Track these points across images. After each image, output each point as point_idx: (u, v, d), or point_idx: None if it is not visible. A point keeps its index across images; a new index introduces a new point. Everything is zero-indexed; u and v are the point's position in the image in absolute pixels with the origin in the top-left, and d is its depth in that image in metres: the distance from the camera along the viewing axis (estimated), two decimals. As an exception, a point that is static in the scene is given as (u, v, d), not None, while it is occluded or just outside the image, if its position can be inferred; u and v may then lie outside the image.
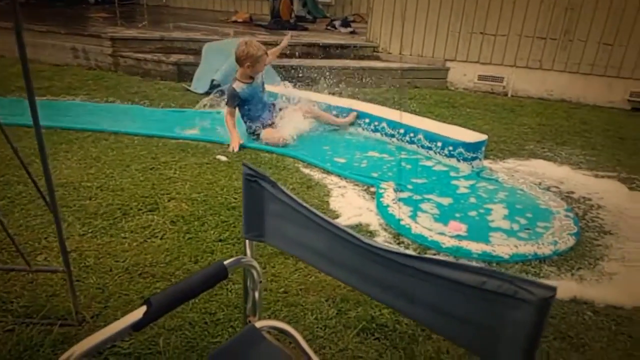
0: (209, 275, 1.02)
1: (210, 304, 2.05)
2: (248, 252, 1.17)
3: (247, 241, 1.16)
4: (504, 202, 3.12)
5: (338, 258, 0.99)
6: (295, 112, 4.16)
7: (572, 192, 3.39)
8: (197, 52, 5.85)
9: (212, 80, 5.24)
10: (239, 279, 2.20)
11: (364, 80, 6.25)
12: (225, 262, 1.06)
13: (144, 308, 0.92)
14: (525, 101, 6.08)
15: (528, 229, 2.77)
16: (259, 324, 1.17)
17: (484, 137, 3.71)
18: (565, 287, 2.25)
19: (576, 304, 2.17)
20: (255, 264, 1.15)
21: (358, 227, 2.79)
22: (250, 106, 3.98)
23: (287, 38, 4.66)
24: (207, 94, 5.22)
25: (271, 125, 4.04)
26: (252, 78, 3.92)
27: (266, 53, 3.91)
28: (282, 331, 1.17)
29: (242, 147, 3.84)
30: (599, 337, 1.98)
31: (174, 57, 5.92)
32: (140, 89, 5.33)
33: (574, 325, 2.03)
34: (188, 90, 5.46)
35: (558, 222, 2.84)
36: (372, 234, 2.73)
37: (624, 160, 4.10)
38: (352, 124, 4.43)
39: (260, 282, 1.19)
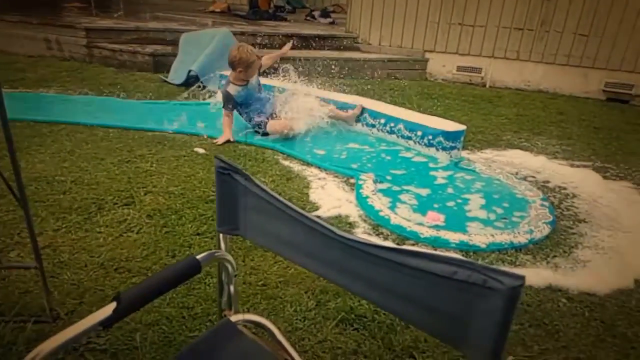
0: (182, 270, 1.01)
1: (188, 298, 2.03)
2: (222, 245, 1.15)
3: (220, 235, 1.14)
4: (481, 192, 3.15)
5: (313, 250, 0.98)
6: (306, 107, 4.08)
7: (548, 182, 3.44)
8: (174, 43, 5.77)
9: (190, 72, 5.17)
10: (216, 272, 2.18)
11: (343, 71, 6.23)
12: (198, 257, 1.05)
13: (113, 304, 0.90)
14: (503, 92, 6.14)
15: (504, 218, 2.81)
16: (234, 318, 1.17)
17: (462, 127, 3.74)
18: (541, 275, 2.29)
19: (551, 292, 2.21)
20: (229, 257, 1.14)
21: (338, 218, 2.79)
22: (249, 108, 3.96)
23: (288, 45, 4.59)
24: (188, 85, 5.16)
25: (273, 116, 4.00)
26: (246, 80, 3.90)
27: (259, 58, 3.89)
28: (258, 324, 1.17)
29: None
30: (573, 323, 2.02)
31: (150, 48, 5.83)
32: (116, 81, 5.24)
33: (549, 312, 2.07)
34: (165, 81, 5.38)
35: (534, 211, 2.88)
36: (351, 225, 2.73)
37: (598, 150, 4.18)
38: (358, 118, 4.29)
39: (235, 275, 1.18)
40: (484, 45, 6.36)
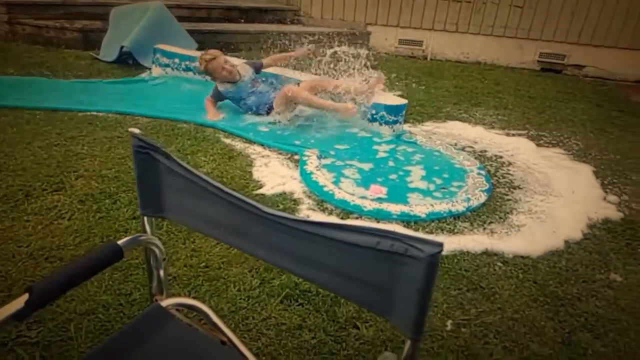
0: (101, 257, 0.96)
1: (126, 284, 1.96)
2: (147, 229, 1.11)
3: (144, 218, 1.09)
4: (421, 163, 3.21)
5: (239, 228, 0.95)
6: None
7: (485, 151, 3.55)
8: (105, 18, 5.45)
9: (122, 48, 4.92)
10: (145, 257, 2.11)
11: (284, 45, 6.13)
12: (120, 242, 1.00)
13: (25, 296, 0.85)
14: (443, 64, 6.25)
15: (444, 188, 2.88)
16: (165, 303, 1.13)
17: (404, 101, 3.77)
18: (477, 240, 2.37)
19: (487, 256, 2.29)
20: (156, 241, 1.09)
21: (282, 195, 2.77)
22: (240, 102, 3.88)
23: (301, 50, 4.29)
24: (121, 62, 4.92)
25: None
26: (232, 81, 3.82)
27: (213, 58, 3.76)
28: (190, 307, 1.13)
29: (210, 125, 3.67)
30: (507, 285, 2.11)
31: (79, 24, 5.48)
32: (43, 59, 4.91)
33: (485, 276, 2.15)
34: (96, 59, 5.11)
35: (471, 180, 2.97)
36: (296, 202, 2.72)
37: (533, 119, 4.34)
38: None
39: (164, 259, 1.13)
40: (424, 18, 6.42)
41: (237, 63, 3.95)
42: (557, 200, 2.89)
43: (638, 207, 2.90)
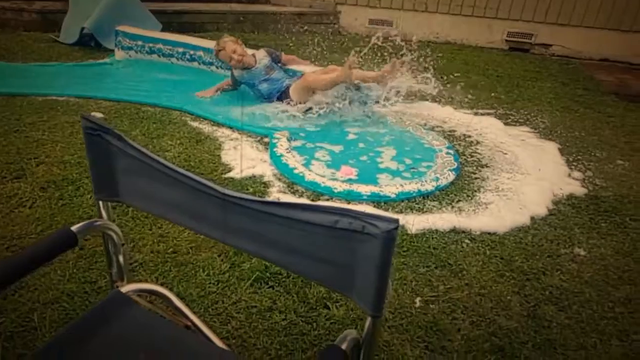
0: (54, 243, 0.92)
1: (91, 272, 1.91)
2: (103, 214, 1.07)
3: (100, 202, 1.06)
4: (391, 144, 3.21)
5: (197, 211, 0.93)
6: None
7: (454, 131, 3.57)
8: (65, -1, 5.26)
9: (83, 29, 4.75)
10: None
11: (253, 26, 6.02)
12: (74, 228, 0.96)
13: (-33, 288, 0.81)
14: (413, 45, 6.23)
15: (413, 168, 2.89)
16: (125, 289, 1.10)
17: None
18: (446, 219, 2.40)
19: (455, 234, 2.32)
20: (113, 226, 1.06)
21: (252, 179, 2.74)
22: (257, 87, 3.77)
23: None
24: (82, 44, 4.75)
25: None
26: (246, 67, 3.74)
27: (223, 48, 3.68)
28: (151, 292, 1.11)
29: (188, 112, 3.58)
30: (475, 261, 2.14)
31: (37, 5, 5.28)
32: (-1, 43, 4.71)
33: (453, 253, 2.18)
34: (56, 41, 4.92)
35: (440, 159, 2.99)
36: (266, 184, 2.69)
37: (500, 98, 4.39)
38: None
39: (123, 244, 1.10)
40: (394, -2, 6.39)
41: (253, 52, 3.85)
42: (523, 177, 2.94)
43: (601, 182, 2.98)
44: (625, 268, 2.20)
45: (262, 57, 3.81)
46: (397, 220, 0.70)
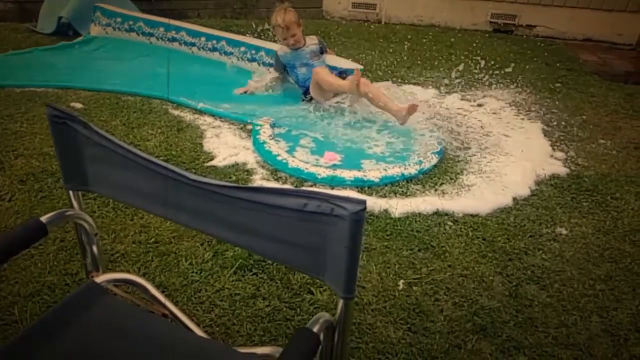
0: (23, 234, 0.91)
1: (72, 264, 1.90)
2: (74, 204, 1.05)
3: (70, 192, 1.04)
4: (375, 129, 3.20)
5: (168, 198, 0.92)
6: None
7: (438, 113, 3.57)
8: (42, -13, 5.13)
9: (60, 18, 4.65)
10: (103, 234, 2.05)
11: (236, 10, 5.95)
12: (43, 218, 0.95)
13: None
14: (397, 28, 6.20)
15: (397, 152, 2.89)
16: (100, 279, 1.09)
17: (359, 66, 3.71)
18: (429, 201, 2.40)
19: (438, 216, 2.33)
20: (84, 216, 1.04)
21: (235, 167, 2.72)
22: (297, 70, 3.61)
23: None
24: (60, 34, 4.66)
25: None
26: (292, 48, 3.54)
27: (286, 27, 3.40)
28: (126, 282, 1.10)
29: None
30: (458, 243, 2.15)
31: (13, -5, 5.15)
32: (-26, 34, 4.61)
33: (436, 236, 2.19)
34: (34, 31, 4.82)
35: (424, 142, 2.98)
36: (249, 172, 2.68)
37: (483, 80, 4.38)
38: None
39: (96, 234, 1.09)
40: (377, -20, 6.32)
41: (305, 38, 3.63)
42: (506, 159, 2.95)
43: (584, 162, 3.00)
44: (606, 246, 2.22)
45: (311, 42, 3.61)
46: (364, 202, 0.69)
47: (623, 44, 6.00)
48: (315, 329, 0.76)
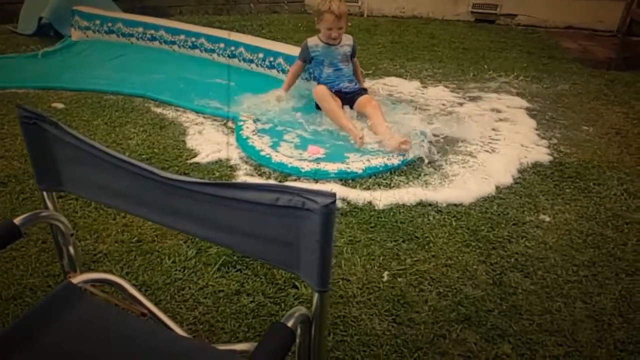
0: (-7, 237, 0.89)
1: (54, 265, 1.87)
2: (49, 205, 1.04)
3: (44, 193, 1.02)
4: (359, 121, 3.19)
5: (141, 197, 0.91)
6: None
7: (421, 104, 3.58)
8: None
9: (40, 19, 4.58)
10: (85, 235, 2.03)
11: (215, 7, 5.90)
12: (17, 220, 0.93)
13: None
14: (379, 20, 6.20)
15: (378, 142, 2.88)
16: (77, 279, 1.07)
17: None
18: (412, 192, 2.41)
19: (422, 207, 2.34)
20: (59, 217, 1.03)
21: (218, 163, 2.71)
22: (321, 68, 3.28)
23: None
24: (41, 35, 4.59)
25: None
26: (328, 42, 3.22)
27: (338, 17, 3.07)
28: (103, 281, 1.09)
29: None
30: (441, 233, 2.16)
31: (-10, -5, 5.07)
32: (-49, 36, 4.53)
33: (420, 226, 2.19)
34: (14, 32, 4.75)
35: (407, 134, 2.98)
36: (232, 168, 2.67)
37: (467, 70, 4.40)
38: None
39: (72, 235, 1.08)
40: (359, -27, 6.31)
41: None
42: (489, 147, 2.97)
43: (566, 149, 3.02)
44: (589, 232, 2.24)
45: (347, 42, 3.31)
46: (334, 194, 0.69)
47: (604, 31, 6.07)
48: (289, 324, 0.76)
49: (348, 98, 3.23)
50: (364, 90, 3.31)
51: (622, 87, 4.12)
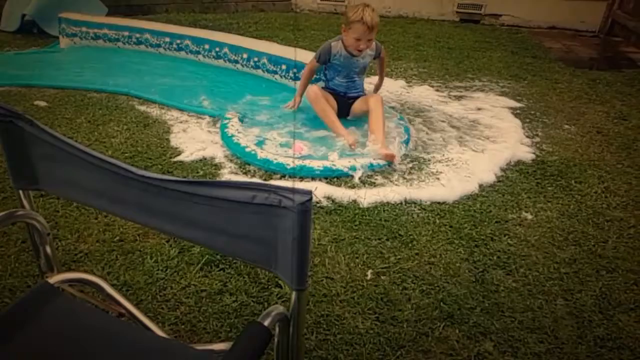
0: (-35, 237, 0.87)
1: (34, 265, 1.84)
2: (25, 204, 1.02)
3: (20, 192, 1.01)
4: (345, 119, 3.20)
5: (117, 195, 0.90)
6: None
7: (406, 103, 3.59)
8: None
9: (24, 16, 4.51)
10: (66, 234, 2.01)
11: (202, 6, 5.86)
12: (-11, 220, 0.91)
13: None
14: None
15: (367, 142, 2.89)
16: (54, 279, 1.06)
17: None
18: (397, 191, 2.42)
19: (406, 205, 2.35)
20: (36, 216, 1.02)
21: (202, 161, 2.69)
22: (335, 75, 3.15)
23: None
24: (24, 32, 4.52)
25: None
26: (352, 52, 3.01)
27: (370, 29, 2.87)
28: (80, 281, 1.07)
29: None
30: (425, 231, 2.17)
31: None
32: None
33: (404, 224, 2.20)
34: (-3, 29, 4.68)
35: (392, 132, 3.00)
36: (217, 166, 2.65)
37: (451, 69, 4.43)
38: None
39: (49, 234, 1.06)
40: (345, -28, 6.32)
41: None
42: (472, 145, 2.99)
43: (548, 147, 3.06)
44: (571, 229, 2.27)
45: (369, 51, 3.08)
46: (310, 192, 0.69)
47: (586, 31, 6.14)
48: (266, 323, 0.75)
49: (350, 103, 3.20)
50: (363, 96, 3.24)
51: (603, 87, 4.18)
